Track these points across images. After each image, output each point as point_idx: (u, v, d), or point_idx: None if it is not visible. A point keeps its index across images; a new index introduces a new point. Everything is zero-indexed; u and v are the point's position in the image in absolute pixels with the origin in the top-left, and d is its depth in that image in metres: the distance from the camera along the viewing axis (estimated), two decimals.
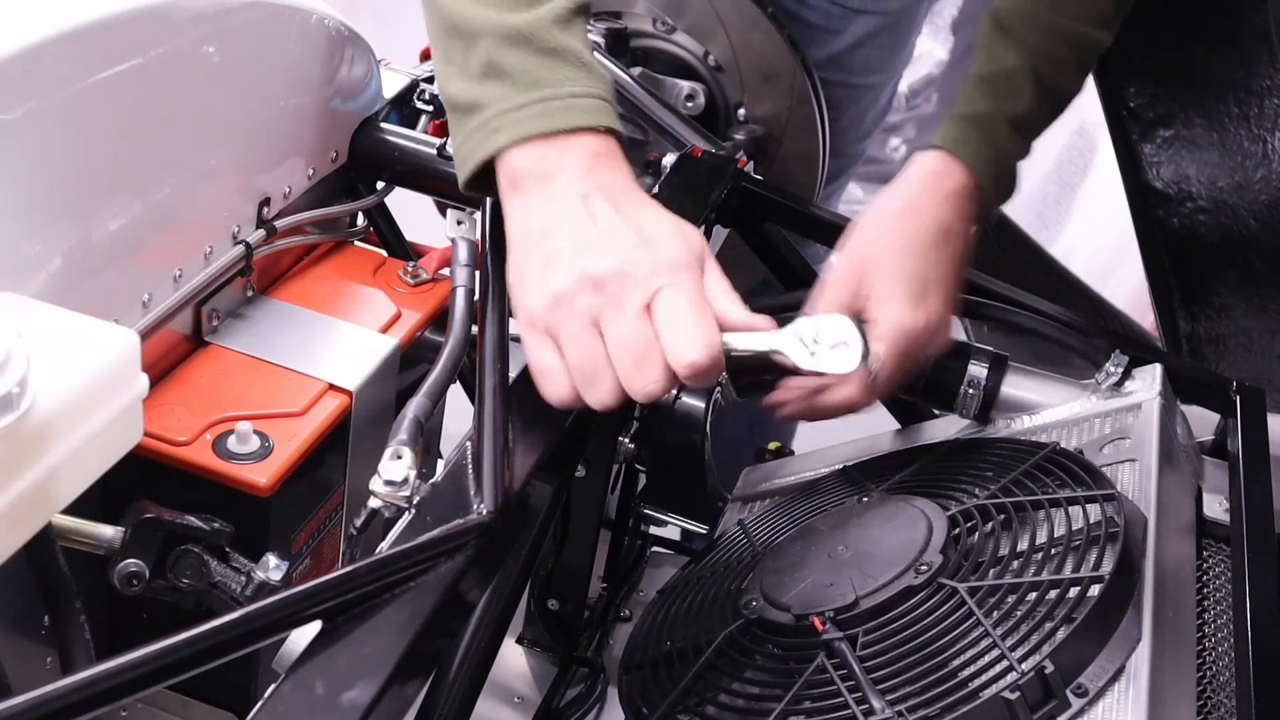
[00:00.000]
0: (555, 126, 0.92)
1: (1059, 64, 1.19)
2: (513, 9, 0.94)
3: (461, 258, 1.06)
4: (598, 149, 0.94)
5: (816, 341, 0.91)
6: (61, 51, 0.93)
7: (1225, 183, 1.58)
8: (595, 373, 0.88)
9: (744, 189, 1.40)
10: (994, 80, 1.19)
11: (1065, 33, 1.19)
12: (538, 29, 0.94)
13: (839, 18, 1.69)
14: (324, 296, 1.25)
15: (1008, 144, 1.18)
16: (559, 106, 0.93)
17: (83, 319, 0.78)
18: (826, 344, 0.91)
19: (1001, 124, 1.18)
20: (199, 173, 1.12)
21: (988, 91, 1.19)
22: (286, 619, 0.74)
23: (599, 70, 0.96)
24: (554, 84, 0.93)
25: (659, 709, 0.94)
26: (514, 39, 0.94)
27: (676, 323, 0.87)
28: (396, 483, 0.83)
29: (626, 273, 0.88)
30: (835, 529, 1.02)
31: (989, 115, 1.18)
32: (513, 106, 0.93)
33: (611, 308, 0.88)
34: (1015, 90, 1.18)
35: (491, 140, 0.93)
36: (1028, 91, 1.18)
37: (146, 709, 1.15)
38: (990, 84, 1.19)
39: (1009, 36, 1.19)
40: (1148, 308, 1.77)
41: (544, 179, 0.93)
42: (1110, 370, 1.17)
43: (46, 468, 0.71)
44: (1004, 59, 1.19)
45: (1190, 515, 1.08)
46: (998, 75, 1.19)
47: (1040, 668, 0.81)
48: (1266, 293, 1.61)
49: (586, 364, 0.88)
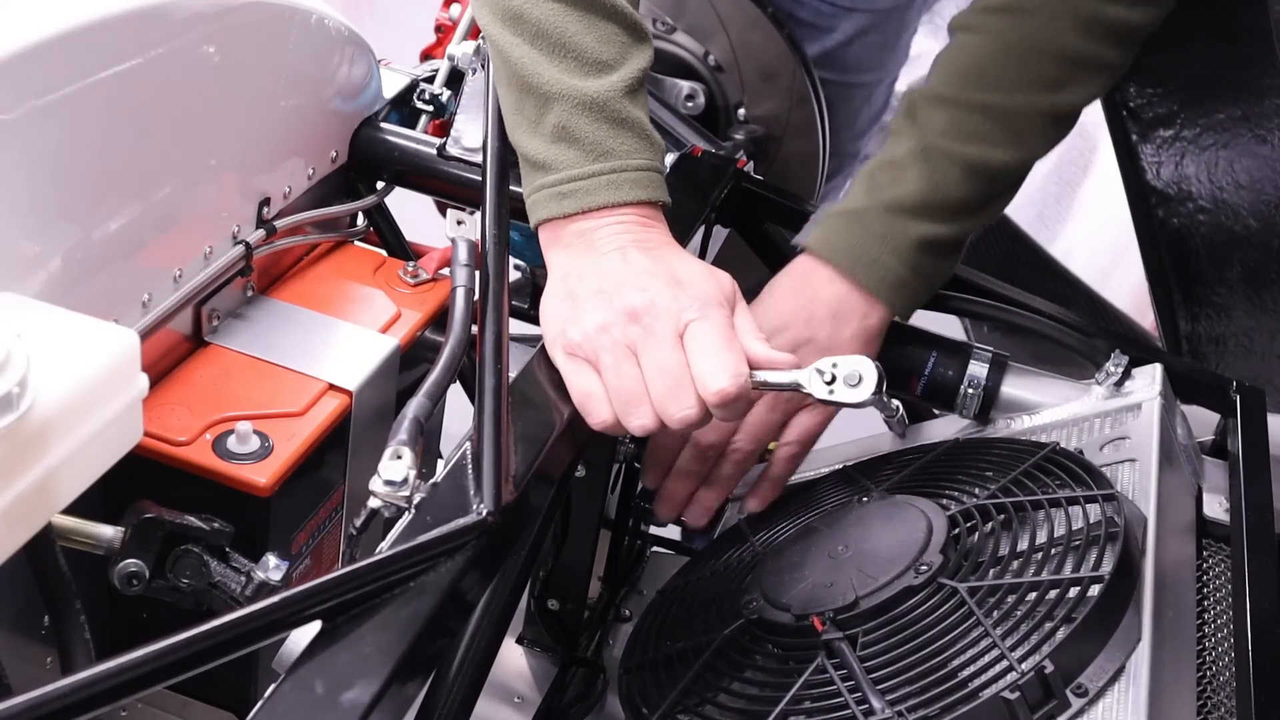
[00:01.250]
0: (619, 200, 0.99)
1: (972, 135, 1.11)
2: (586, 76, 1.00)
3: (461, 258, 1.06)
4: (646, 217, 1.01)
5: (835, 378, 0.96)
6: (61, 51, 0.93)
7: (1225, 183, 1.58)
8: (634, 398, 0.94)
9: (744, 189, 1.40)
10: (878, 170, 1.14)
11: (976, 105, 1.11)
12: (610, 99, 1.00)
13: (829, 15, 1.70)
14: (324, 296, 1.25)
15: (881, 232, 1.11)
16: (626, 180, 1.00)
17: (83, 319, 0.77)
18: (843, 379, 0.96)
19: (875, 213, 1.12)
20: (199, 173, 1.12)
21: (868, 185, 1.14)
22: (286, 619, 0.74)
23: (658, 141, 1.04)
24: (621, 155, 1.00)
25: (659, 709, 0.94)
26: (587, 106, 0.99)
27: (706, 353, 0.92)
28: (396, 483, 0.83)
29: (660, 305, 0.94)
30: (835, 529, 1.02)
31: (860, 209, 1.13)
32: (581, 175, 0.99)
33: (648, 336, 0.93)
34: (898, 175, 1.12)
35: (559, 205, 1.00)
36: (915, 173, 1.11)
37: (146, 709, 1.15)
38: (873, 175, 1.14)
39: (911, 121, 1.14)
40: (1148, 308, 1.77)
41: (586, 233, 1.00)
42: (1110, 370, 1.17)
43: (46, 468, 0.71)
44: (898, 146, 1.13)
45: (1190, 515, 1.08)
46: (884, 165, 1.14)
47: (1040, 668, 0.81)
48: (1266, 293, 1.61)
49: (626, 389, 0.94)
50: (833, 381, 0.95)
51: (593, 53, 1.00)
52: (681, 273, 0.97)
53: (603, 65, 1.00)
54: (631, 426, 0.94)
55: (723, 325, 0.94)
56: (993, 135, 1.11)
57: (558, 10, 1.00)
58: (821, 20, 1.70)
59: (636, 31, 1.03)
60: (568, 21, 1.00)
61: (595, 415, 0.96)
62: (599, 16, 1.01)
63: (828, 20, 1.70)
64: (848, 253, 1.12)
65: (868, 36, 1.72)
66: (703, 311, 0.94)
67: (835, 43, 1.72)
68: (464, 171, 1.31)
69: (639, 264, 0.98)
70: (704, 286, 0.96)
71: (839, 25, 1.71)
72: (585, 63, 1.00)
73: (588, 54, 1.00)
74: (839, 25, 1.71)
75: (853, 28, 1.71)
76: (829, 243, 1.13)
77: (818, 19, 1.70)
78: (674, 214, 1.06)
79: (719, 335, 0.93)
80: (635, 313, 0.94)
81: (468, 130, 1.31)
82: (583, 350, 0.96)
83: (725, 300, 0.96)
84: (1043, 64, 1.10)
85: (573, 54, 1.00)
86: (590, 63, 1.00)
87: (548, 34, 1.00)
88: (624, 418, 0.94)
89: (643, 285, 0.96)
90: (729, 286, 0.98)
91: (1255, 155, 1.55)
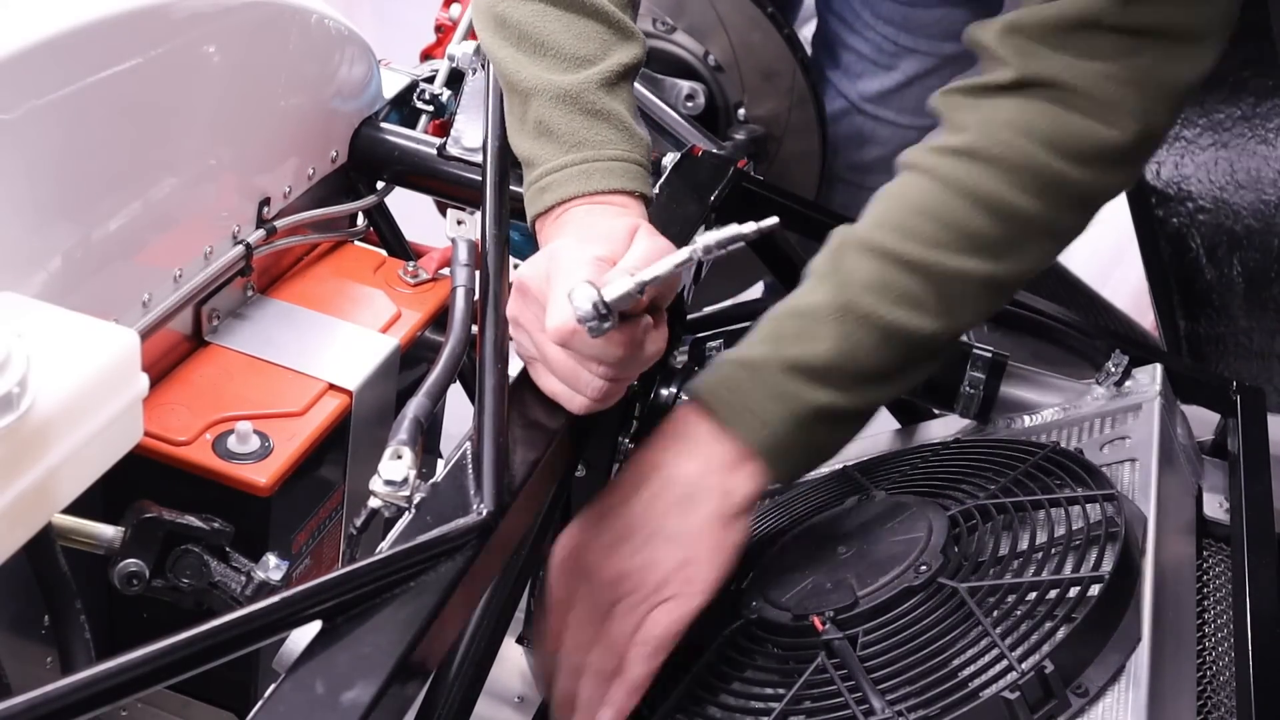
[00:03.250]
0: (589, 189, 0.98)
1: (899, 297, 0.95)
2: (563, 71, 1.00)
3: (461, 258, 1.06)
4: (621, 207, 0.98)
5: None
6: (61, 51, 0.93)
7: (1225, 183, 1.58)
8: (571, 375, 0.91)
9: (744, 189, 1.40)
10: (789, 318, 0.97)
11: (909, 263, 0.95)
12: (583, 91, 0.99)
13: (891, 53, 1.70)
14: (324, 296, 1.25)
15: (777, 393, 0.94)
16: (598, 169, 0.98)
17: (83, 319, 0.77)
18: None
19: (773, 370, 0.94)
20: (199, 172, 1.12)
21: (773, 332, 0.97)
22: (286, 619, 0.74)
23: (639, 135, 1.01)
24: (594, 145, 0.99)
25: (659, 709, 0.94)
26: (561, 99, 0.99)
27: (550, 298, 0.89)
28: (396, 483, 0.83)
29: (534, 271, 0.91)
30: (835, 529, 1.02)
31: (758, 360, 0.96)
32: (557, 166, 0.99)
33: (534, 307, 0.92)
34: (809, 331, 0.95)
35: (541, 199, 0.99)
36: (827, 332, 0.94)
37: (146, 709, 1.15)
38: (781, 322, 0.97)
39: (835, 265, 0.97)
40: (1148, 308, 1.77)
41: (560, 225, 0.98)
42: (1110, 370, 1.17)
43: (46, 468, 0.71)
44: (816, 293, 0.97)
45: (1190, 515, 1.08)
46: (795, 313, 0.97)
47: (1040, 668, 0.81)
48: (1266, 293, 1.61)
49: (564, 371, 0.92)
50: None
51: (570, 49, 1.01)
52: (581, 230, 0.95)
53: (580, 60, 1.01)
54: (594, 399, 0.92)
55: (567, 264, 0.88)
56: (922, 300, 0.95)
57: (538, 11, 1.02)
58: (882, 58, 1.70)
59: (619, 28, 1.03)
60: (547, 21, 1.01)
61: (571, 405, 0.93)
62: (579, 15, 1.02)
63: (888, 59, 1.70)
64: (734, 409, 0.95)
65: (928, 80, 1.70)
66: (557, 258, 0.90)
67: (895, 83, 1.72)
68: (464, 171, 1.31)
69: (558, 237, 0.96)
70: (583, 234, 0.93)
71: (899, 65, 1.70)
72: (562, 59, 1.01)
73: (565, 51, 1.01)
74: (899, 65, 1.70)
75: (913, 69, 1.71)
76: (714, 392, 0.96)
77: (879, 56, 1.70)
78: (674, 214, 1.06)
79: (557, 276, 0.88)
80: (520, 287, 0.92)
81: (468, 130, 1.31)
82: (521, 351, 0.96)
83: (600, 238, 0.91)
84: (990, 224, 0.95)
85: (551, 51, 1.01)
86: (567, 58, 1.01)
87: (529, 35, 1.01)
88: (584, 394, 0.91)
89: (534, 258, 0.94)
90: (615, 227, 0.92)
91: (1255, 155, 1.55)
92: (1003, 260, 0.96)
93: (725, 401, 0.95)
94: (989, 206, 0.95)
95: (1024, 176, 0.95)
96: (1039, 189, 0.95)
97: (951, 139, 0.98)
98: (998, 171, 0.95)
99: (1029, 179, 0.95)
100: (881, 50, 1.69)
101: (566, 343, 0.89)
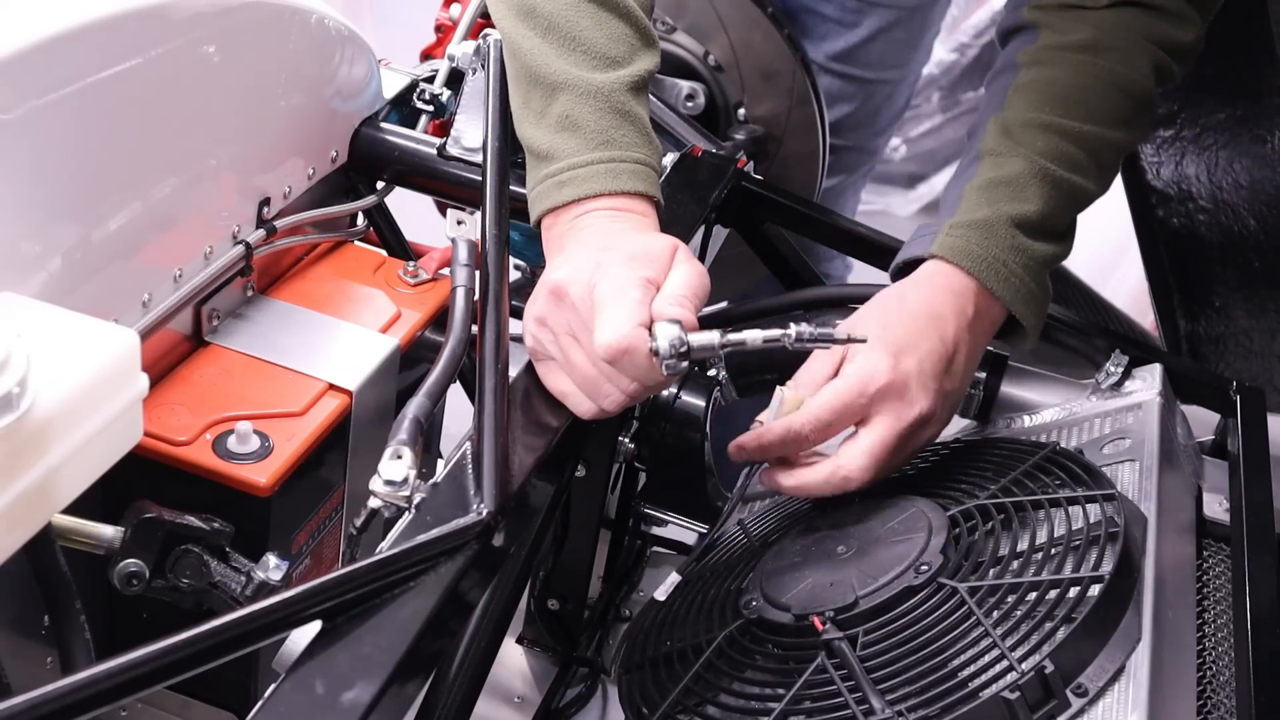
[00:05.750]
0: (615, 188, 0.99)
1: (1072, 163, 1.11)
2: (594, 69, 1.02)
3: (461, 258, 1.06)
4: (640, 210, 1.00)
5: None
6: (62, 51, 0.93)
7: (1225, 183, 1.59)
8: (593, 382, 0.94)
9: (744, 189, 1.40)
10: (995, 186, 1.11)
11: (1073, 134, 1.12)
12: (615, 91, 1.01)
13: (854, 10, 1.71)
14: (324, 296, 1.25)
15: (1011, 245, 1.08)
16: (624, 170, 1.00)
17: (83, 319, 0.77)
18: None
19: (1003, 226, 1.08)
20: (199, 172, 1.12)
21: (987, 198, 1.10)
22: (286, 619, 0.74)
23: (657, 142, 1.05)
24: (622, 146, 1.01)
25: (659, 709, 0.94)
26: (592, 95, 1.01)
27: (598, 311, 0.92)
28: (396, 483, 0.83)
29: (577, 276, 0.93)
30: (835, 529, 1.02)
31: (986, 220, 1.09)
32: (583, 162, 1.00)
33: (573, 314, 0.93)
34: (1018, 193, 1.10)
35: (559, 193, 1.00)
36: (1033, 192, 1.10)
37: (146, 709, 1.15)
38: (991, 190, 1.11)
39: (1013, 142, 1.12)
40: (1148, 308, 1.77)
41: (579, 221, 1.00)
42: (1110, 370, 1.18)
43: (46, 468, 0.71)
44: (1008, 165, 1.11)
45: (1190, 515, 1.08)
46: (999, 181, 1.11)
47: (1040, 668, 0.81)
48: (1266, 293, 1.61)
49: (585, 377, 0.94)
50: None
51: (602, 48, 1.02)
52: (616, 240, 0.96)
53: (611, 60, 1.02)
54: (608, 409, 0.95)
55: (618, 282, 0.92)
56: (1086, 166, 1.12)
57: (571, 5, 1.03)
58: (846, 16, 1.72)
59: (645, 35, 1.05)
60: (580, 16, 1.02)
61: (579, 409, 0.96)
62: (611, 15, 1.03)
63: (852, 16, 1.71)
64: (986, 262, 1.07)
65: (891, 33, 1.74)
66: (605, 271, 0.92)
67: (859, 39, 1.74)
68: (464, 171, 1.31)
69: (591, 242, 0.97)
70: (627, 249, 0.94)
71: (863, 21, 1.72)
72: (594, 56, 1.02)
73: (597, 48, 1.02)
74: (863, 21, 1.72)
75: (877, 24, 1.73)
76: (967, 250, 1.07)
77: (842, 15, 1.71)
78: (674, 214, 1.06)
79: (608, 292, 0.91)
80: (557, 291, 0.94)
81: (468, 130, 1.31)
82: (539, 350, 0.97)
83: (646, 258, 0.94)
84: (1122, 101, 1.14)
85: (582, 47, 1.02)
86: (599, 57, 1.02)
87: (559, 27, 1.02)
88: (600, 404, 0.95)
89: (569, 258, 0.95)
90: (658, 248, 0.95)
91: (1255, 155, 1.55)
92: (1132, 130, 1.17)
93: (975, 256, 1.07)
94: (1118, 86, 1.14)
95: (1141, 61, 1.15)
96: (1151, 70, 1.15)
97: (1068, 38, 1.16)
98: (1123, 58, 1.14)
99: (1145, 63, 1.15)
100: (845, 9, 1.72)
101: (614, 361, 0.91)
